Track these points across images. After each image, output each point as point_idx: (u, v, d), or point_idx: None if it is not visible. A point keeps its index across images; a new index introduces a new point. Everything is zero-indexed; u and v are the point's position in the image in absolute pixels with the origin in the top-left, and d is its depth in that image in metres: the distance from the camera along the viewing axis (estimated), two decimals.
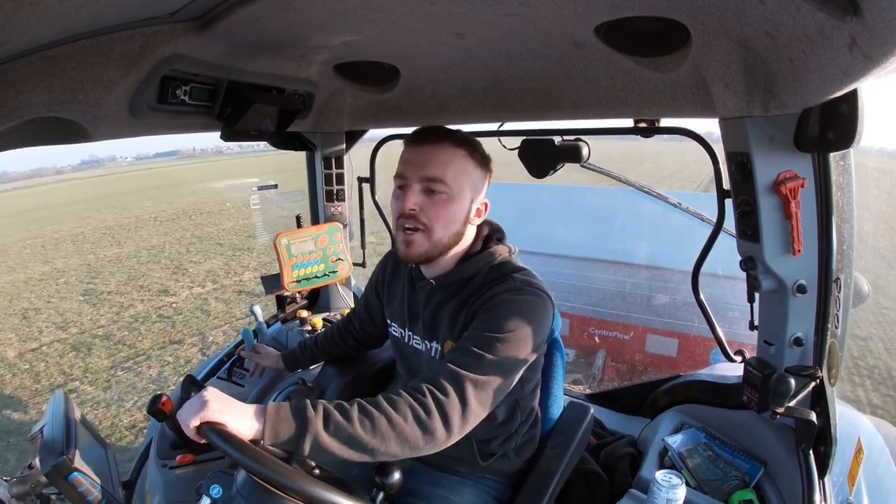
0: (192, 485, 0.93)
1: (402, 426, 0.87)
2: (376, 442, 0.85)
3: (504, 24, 1.01)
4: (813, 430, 1.13)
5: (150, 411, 1.33)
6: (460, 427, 0.92)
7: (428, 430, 0.88)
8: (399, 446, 0.87)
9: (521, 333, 0.99)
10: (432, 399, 0.90)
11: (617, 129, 1.44)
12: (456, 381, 0.92)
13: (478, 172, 1.13)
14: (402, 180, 1.10)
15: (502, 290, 1.05)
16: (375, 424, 0.85)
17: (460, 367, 0.94)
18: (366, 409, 0.87)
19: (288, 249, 1.88)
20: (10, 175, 51.34)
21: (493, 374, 0.95)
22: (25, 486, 1.08)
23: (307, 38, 1.18)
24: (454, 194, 1.08)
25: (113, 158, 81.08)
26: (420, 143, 1.10)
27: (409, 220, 1.07)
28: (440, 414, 0.89)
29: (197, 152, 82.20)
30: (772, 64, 0.88)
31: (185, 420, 0.83)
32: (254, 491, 0.81)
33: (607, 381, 3.48)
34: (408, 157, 1.10)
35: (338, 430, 0.84)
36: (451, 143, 1.09)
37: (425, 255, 1.10)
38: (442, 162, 1.07)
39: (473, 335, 1.00)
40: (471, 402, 0.92)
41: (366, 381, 1.56)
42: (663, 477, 1.04)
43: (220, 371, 1.79)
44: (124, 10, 0.86)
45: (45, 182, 45.07)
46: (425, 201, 1.07)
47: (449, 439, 0.92)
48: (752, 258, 1.13)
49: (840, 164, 1.08)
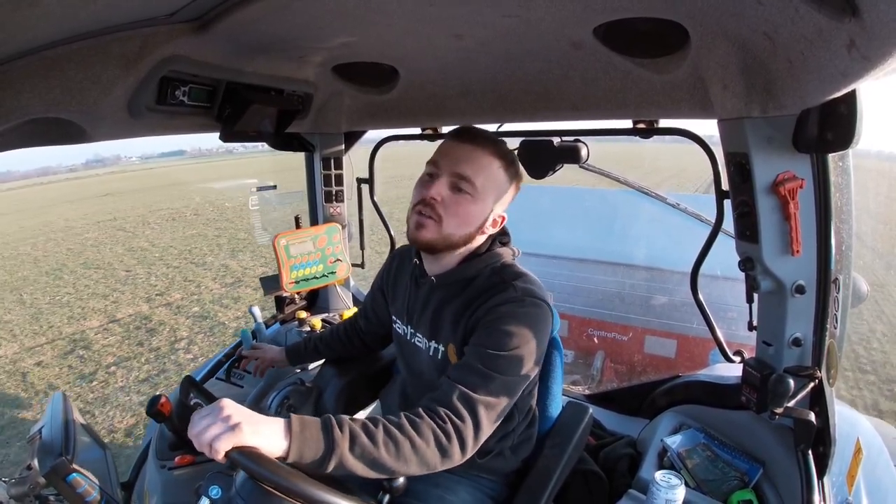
0: (190, 485, 0.92)
1: (423, 450, 0.90)
2: (398, 465, 0.88)
3: (503, 26, 1.01)
4: (812, 431, 1.13)
5: (148, 412, 1.33)
6: (472, 448, 0.96)
7: (447, 454, 0.93)
8: (418, 468, 0.91)
9: (526, 350, 1.01)
10: (451, 425, 0.93)
11: (616, 130, 1.44)
12: (469, 404, 0.95)
13: (507, 186, 1.14)
14: (433, 168, 1.10)
15: (504, 300, 1.05)
16: (399, 448, 0.88)
17: (471, 390, 0.96)
18: (391, 433, 0.88)
19: (286, 250, 1.88)
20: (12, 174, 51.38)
21: (502, 393, 0.99)
22: (24, 487, 1.08)
23: (306, 39, 1.18)
24: (478, 197, 1.09)
25: (118, 158, 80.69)
26: (463, 139, 1.10)
27: (427, 207, 1.08)
28: (458, 439, 0.93)
29: (203, 152, 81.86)
30: (770, 65, 0.88)
31: (209, 442, 0.78)
32: (253, 492, 0.81)
33: (606, 381, 3.48)
34: (446, 150, 1.11)
35: (363, 452, 0.86)
36: (491, 150, 1.10)
37: (431, 242, 1.10)
38: (477, 164, 1.08)
39: (478, 352, 1.01)
40: (483, 424, 0.96)
41: (364, 382, 1.56)
42: (662, 477, 1.04)
43: (219, 372, 1.79)
44: (123, 11, 0.86)
45: (41, 182, 44.91)
46: (449, 196, 1.08)
47: (463, 459, 0.96)
48: (750, 259, 1.13)
49: (839, 164, 1.08)
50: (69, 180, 42.38)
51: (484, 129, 1.15)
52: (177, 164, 59.55)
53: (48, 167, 67.37)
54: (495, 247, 1.16)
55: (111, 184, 30.51)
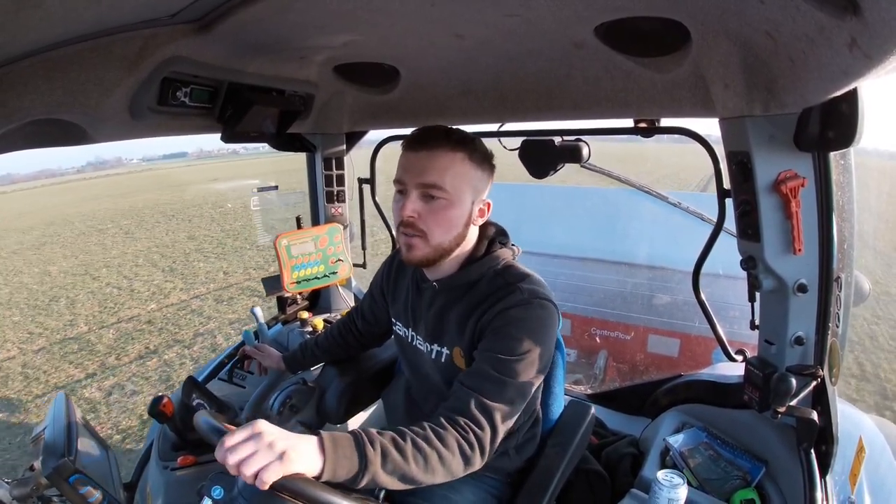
0: (193, 486, 0.93)
1: (450, 461, 0.92)
2: (426, 476, 0.90)
3: (504, 25, 1.01)
4: (814, 429, 1.13)
5: (151, 413, 1.33)
6: (490, 454, 0.97)
7: (469, 462, 0.94)
8: (443, 477, 0.93)
9: (537, 353, 1.01)
10: (474, 435, 0.94)
11: (617, 130, 1.44)
12: (487, 412, 0.96)
13: (478, 174, 1.10)
14: (400, 185, 1.08)
15: (511, 304, 1.05)
16: (428, 461, 0.89)
17: (487, 398, 0.97)
18: (419, 446, 0.89)
19: (288, 251, 1.88)
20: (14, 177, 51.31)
21: (516, 398, 1.00)
22: (26, 489, 1.08)
23: (307, 40, 1.18)
24: (453, 199, 1.06)
25: (119, 160, 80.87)
26: (417, 147, 1.06)
27: (409, 227, 1.06)
28: (479, 447, 0.95)
29: (203, 153, 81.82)
30: (772, 63, 0.88)
31: (256, 472, 0.75)
32: (255, 492, 0.81)
33: (609, 381, 3.47)
34: (405, 163, 1.08)
35: (395, 468, 0.87)
36: (448, 147, 1.05)
37: (426, 258, 1.09)
38: (440, 167, 1.04)
39: (491, 358, 1.01)
40: (499, 430, 0.97)
41: (366, 381, 1.56)
42: (665, 476, 1.04)
43: (221, 373, 1.79)
44: (125, 12, 0.86)
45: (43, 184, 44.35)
46: (424, 208, 1.06)
47: (481, 465, 0.97)
48: (752, 258, 1.13)
49: (840, 163, 1.08)
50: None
51: (434, 126, 1.08)
52: (181, 166, 59.14)
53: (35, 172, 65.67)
54: (495, 248, 1.15)
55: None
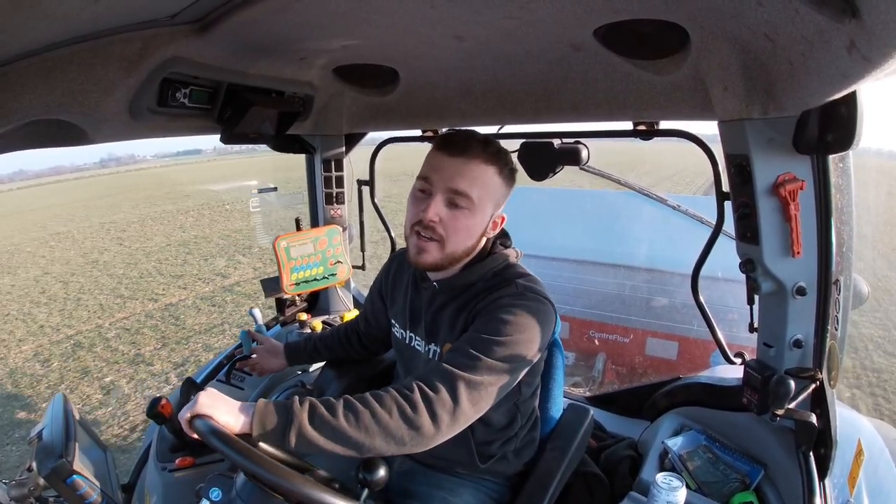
0: (191, 488, 0.93)
1: (386, 421, 0.87)
2: (361, 436, 0.86)
3: (503, 27, 1.01)
4: (813, 432, 1.13)
5: (149, 414, 1.33)
6: (449, 425, 0.91)
7: (413, 425, 0.88)
8: (384, 441, 0.88)
9: (520, 338, 0.99)
10: (420, 395, 0.90)
11: (616, 132, 1.44)
12: (448, 379, 0.92)
13: (503, 190, 1.11)
14: (426, 184, 1.06)
15: (504, 294, 1.04)
16: (360, 419, 0.87)
17: (454, 367, 0.94)
18: (351, 404, 0.89)
19: (287, 252, 1.88)
20: (26, 173, 51.42)
21: (488, 376, 0.95)
22: (24, 489, 1.08)
23: (307, 41, 1.18)
24: (476, 210, 1.05)
25: (132, 157, 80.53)
26: (453, 151, 1.04)
27: (427, 229, 1.05)
28: (428, 410, 0.89)
29: (220, 150, 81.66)
30: (771, 66, 0.88)
31: (181, 416, 0.88)
32: (253, 493, 0.81)
33: (607, 383, 3.47)
34: (437, 163, 1.06)
35: (323, 423, 0.86)
36: (483, 158, 1.04)
37: (436, 264, 1.09)
38: (472, 177, 1.04)
39: (471, 337, 1.00)
40: (462, 402, 0.92)
41: (365, 384, 1.56)
42: (664, 479, 1.04)
43: (220, 374, 1.79)
44: (124, 12, 0.86)
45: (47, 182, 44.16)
46: (447, 214, 1.04)
47: (437, 436, 0.91)
48: (751, 260, 1.13)
49: (839, 165, 1.08)
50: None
51: (471, 132, 1.09)
52: (193, 163, 58.47)
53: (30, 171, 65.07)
54: (497, 249, 1.16)
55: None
